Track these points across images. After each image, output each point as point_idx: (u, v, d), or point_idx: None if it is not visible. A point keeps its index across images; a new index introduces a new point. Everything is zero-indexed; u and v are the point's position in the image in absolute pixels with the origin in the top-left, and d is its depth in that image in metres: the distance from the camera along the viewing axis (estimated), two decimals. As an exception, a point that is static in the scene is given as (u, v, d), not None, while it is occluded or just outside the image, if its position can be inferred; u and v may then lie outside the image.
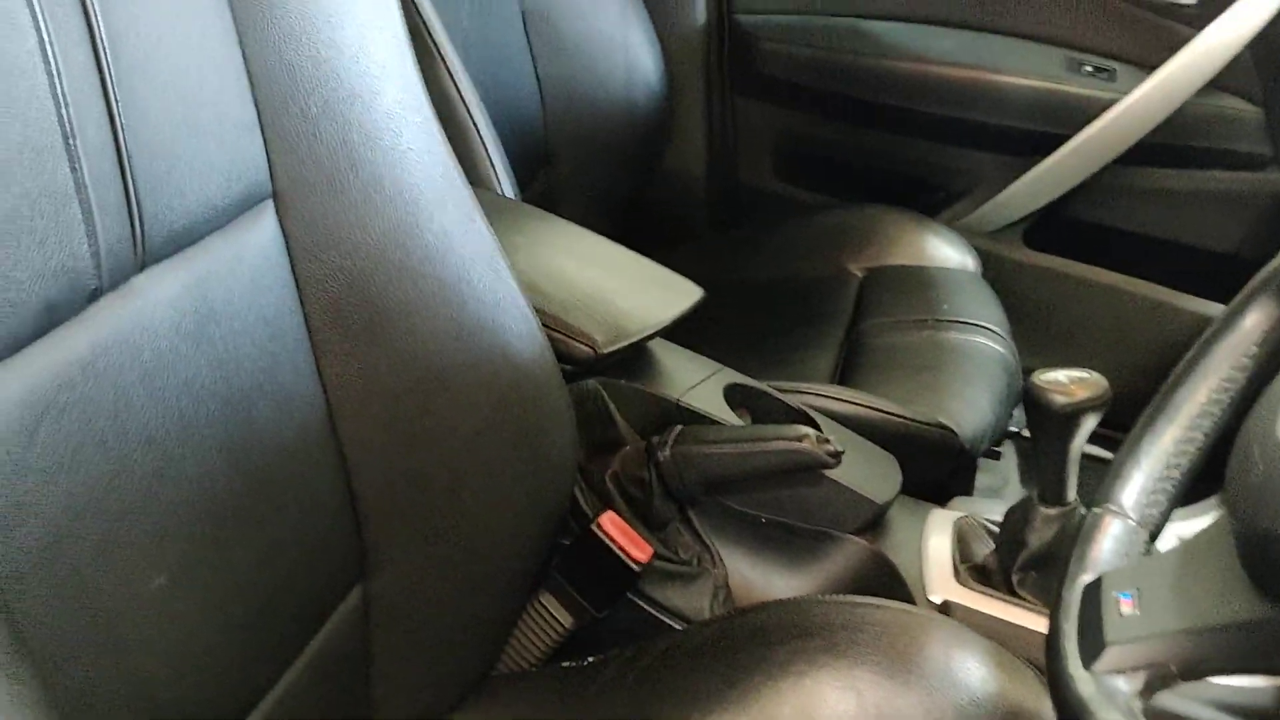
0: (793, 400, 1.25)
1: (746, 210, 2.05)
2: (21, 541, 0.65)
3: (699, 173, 1.99)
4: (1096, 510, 0.78)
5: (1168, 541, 0.78)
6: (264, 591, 0.85)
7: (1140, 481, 0.78)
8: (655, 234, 2.01)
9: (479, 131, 1.29)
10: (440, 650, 1.01)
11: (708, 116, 1.96)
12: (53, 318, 0.68)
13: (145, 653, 0.74)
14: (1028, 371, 1.06)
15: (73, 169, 0.69)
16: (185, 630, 0.77)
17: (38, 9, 0.67)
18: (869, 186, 1.97)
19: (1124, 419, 0.85)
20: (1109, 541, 0.77)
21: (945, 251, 1.71)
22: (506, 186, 1.30)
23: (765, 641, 0.98)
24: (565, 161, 1.76)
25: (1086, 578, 0.74)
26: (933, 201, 1.91)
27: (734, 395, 1.20)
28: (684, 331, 1.21)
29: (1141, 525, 0.77)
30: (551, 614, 1.07)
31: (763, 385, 1.22)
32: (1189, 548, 0.70)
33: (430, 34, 1.28)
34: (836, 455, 1.06)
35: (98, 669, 0.70)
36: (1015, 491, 1.69)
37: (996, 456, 1.63)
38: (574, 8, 1.71)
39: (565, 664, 1.07)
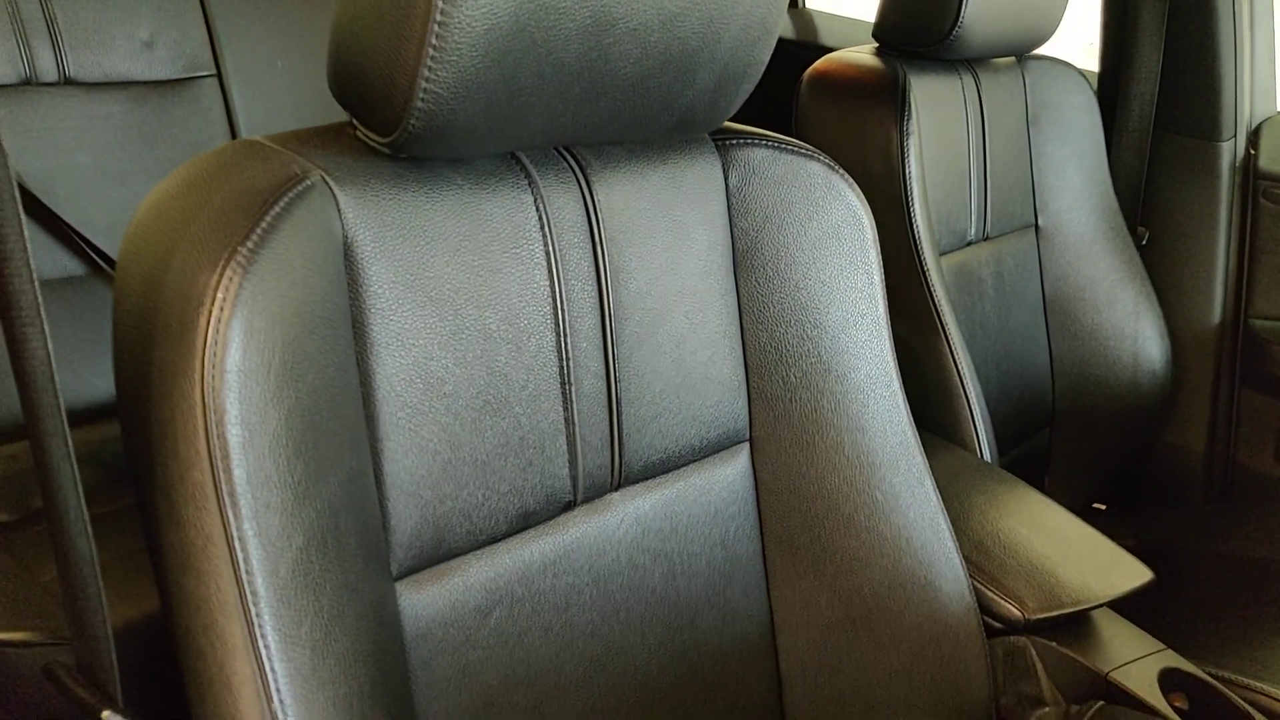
0: (1240, 697, 0.97)
1: (1242, 487, 1.70)
2: (459, 701, 0.62)
3: (1199, 450, 1.70)
4: None
5: None
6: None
7: None
8: (1144, 496, 1.74)
9: (968, 400, 1.16)
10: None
11: (1213, 402, 1.68)
12: (526, 522, 0.66)
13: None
14: None
15: (565, 409, 0.66)
16: (600, 791, 0.70)
17: (558, 284, 0.65)
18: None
19: None
20: None
21: None
22: (985, 450, 1.15)
23: None
24: (1066, 427, 1.57)
25: None
26: None
27: (1171, 679, 0.95)
28: (1145, 595, 0.98)
29: None
30: (949, 845, 0.88)
31: (1205, 675, 0.95)
32: None
33: (940, 318, 1.17)
34: (1261, 778, 0.80)
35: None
36: None
37: None
38: (1091, 301, 1.53)
39: None
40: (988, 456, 1.17)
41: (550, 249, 0.65)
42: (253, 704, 0.47)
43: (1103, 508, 1.73)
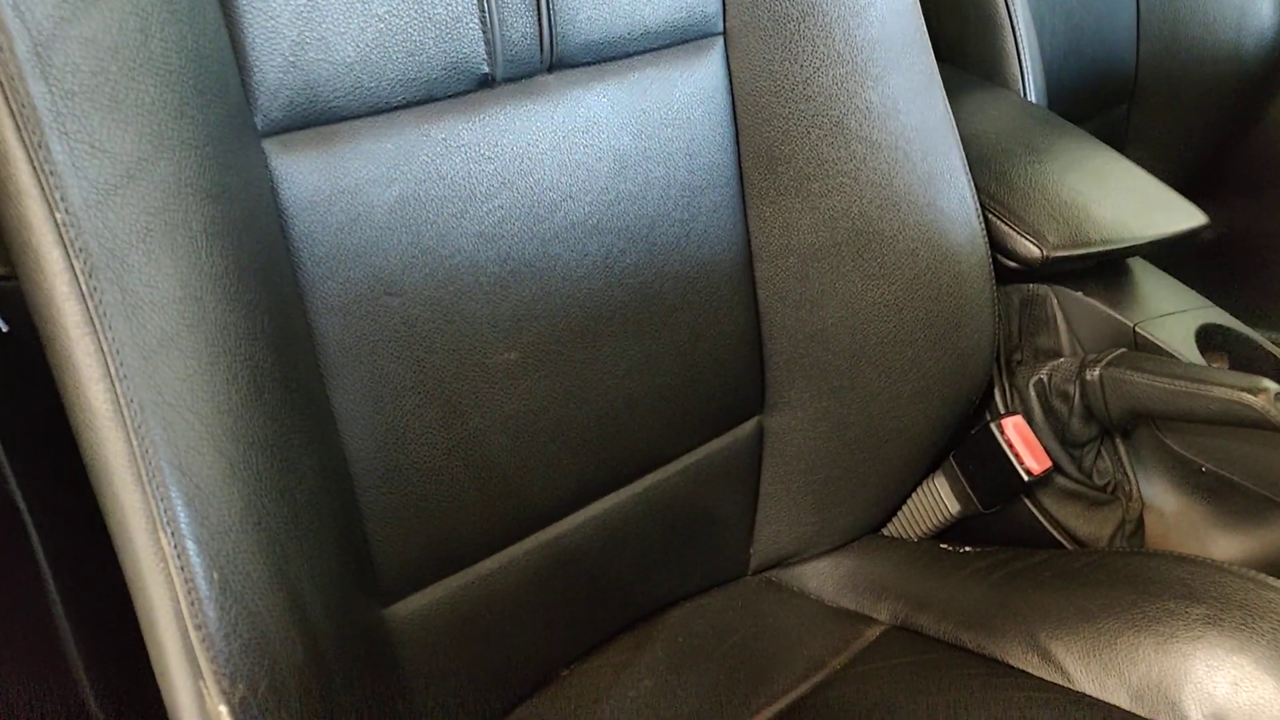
0: (1288, 356, 0.88)
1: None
2: (353, 285, 0.56)
3: (1305, 126, 1.50)
4: None
5: None
6: (636, 396, 0.71)
7: None
8: (1238, 185, 1.57)
9: (1015, 33, 1.02)
10: (827, 498, 0.84)
11: (1329, 70, 1.46)
12: (430, 92, 0.58)
13: (480, 415, 0.63)
14: None
15: None
16: (531, 406, 0.65)
17: None
18: None
19: None
20: None
21: None
22: (1032, 92, 1.01)
23: (1145, 591, 0.69)
24: (1149, 101, 1.40)
25: None
26: None
27: (1211, 337, 0.86)
28: (1212, 268, 0.88)
29: None
30: (941, 497, 0.84)
31: (1250, 332, 0.86)
32: None
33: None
34: (1295, 420, 0.72)
35: (421, 419, 0.60)
36: None
37: None
38: (1194, -58, 1.32)
39: (944, 545, 0.83)
40: (1034, 97, 1.03)
41: None
42: (39, 218, 0.41)
43: (1188, 200, 1.59)
